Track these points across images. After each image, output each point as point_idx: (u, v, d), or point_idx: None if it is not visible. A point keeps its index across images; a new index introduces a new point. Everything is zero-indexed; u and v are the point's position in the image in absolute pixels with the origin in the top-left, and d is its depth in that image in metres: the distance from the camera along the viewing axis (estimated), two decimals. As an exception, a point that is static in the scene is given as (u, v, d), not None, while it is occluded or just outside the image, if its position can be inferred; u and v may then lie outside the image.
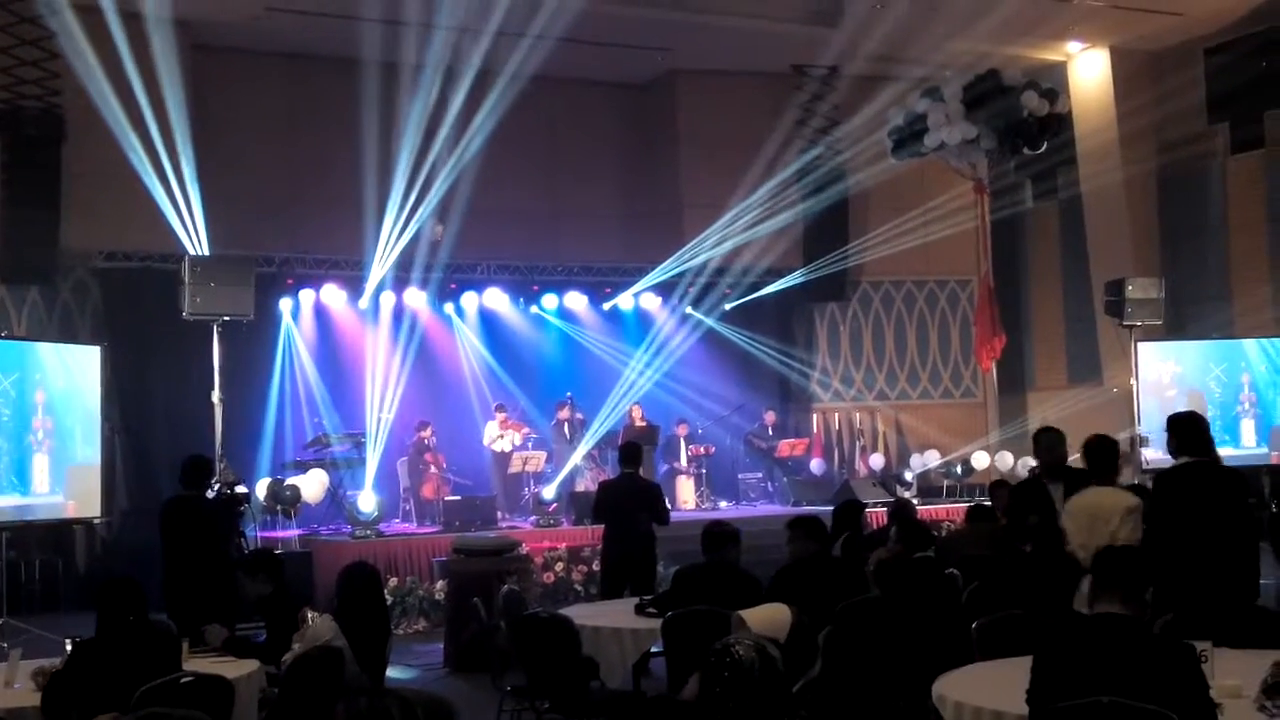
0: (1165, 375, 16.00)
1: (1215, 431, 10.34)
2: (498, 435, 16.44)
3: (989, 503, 11.46)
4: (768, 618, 5.63)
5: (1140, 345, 16.84)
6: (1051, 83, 15.98)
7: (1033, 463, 17.49)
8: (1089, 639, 4.45)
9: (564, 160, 18.84)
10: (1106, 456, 7.58)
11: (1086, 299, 18.74)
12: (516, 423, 16.63)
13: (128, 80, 14.54)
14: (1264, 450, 15.16)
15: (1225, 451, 13.97)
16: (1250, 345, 15.69)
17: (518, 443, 16.42)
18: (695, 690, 3.75)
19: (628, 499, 10.64)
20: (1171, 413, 7.41)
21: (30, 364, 12.98)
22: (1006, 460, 18.04)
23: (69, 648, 6.12)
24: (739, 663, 3.60)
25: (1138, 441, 16.61)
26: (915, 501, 14.79)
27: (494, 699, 7.87)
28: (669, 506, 11.49)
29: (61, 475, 13.12)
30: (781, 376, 19.01)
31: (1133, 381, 16.85)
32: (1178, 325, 17.57)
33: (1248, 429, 15.10)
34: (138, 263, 15.36)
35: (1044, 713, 4.39)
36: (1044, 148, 15.99)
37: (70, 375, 13.43)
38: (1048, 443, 8.16)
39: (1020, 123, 15.12)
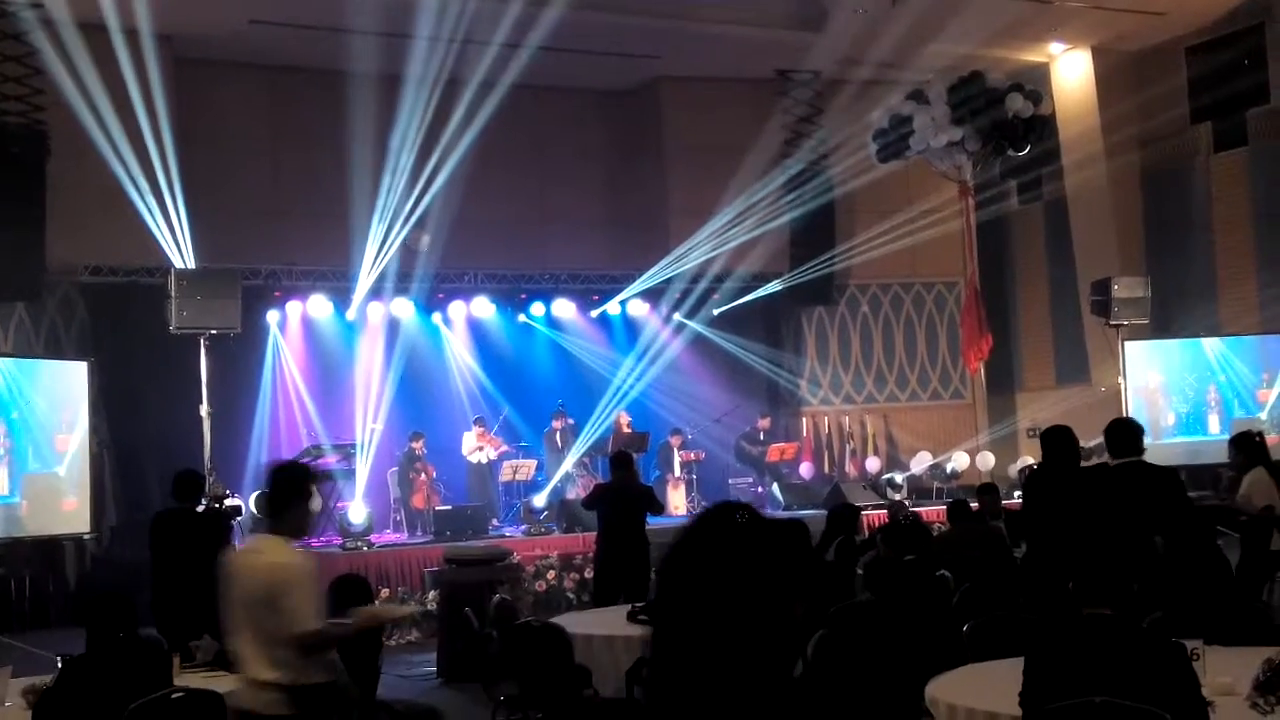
0: (1152, 382, 17.21)
1: (1188, 424, 11.74)
2: (475, 447, 16.42)
3: (973, 503, 11.49)
4: None
5: (1127, 344, 16.96)
6: (1034, 84, 16.04)
7: (1030, 460, 17.67)
8: (1081, 639, 4.45)
9: (550, 168, 18.83)
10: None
11: (1073, 299, 18.77)
12: (494, 437, 16.60)
13: (112, 95, 14.53)
14: (1226, 437, 16.35)
15: (1195, 439, 16.70)
16: (1212, 356, 17.21)
17: (493, 456, 16.41)
18: None
19: (622, 500, 10.77)
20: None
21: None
22: (988, 461, 18.10)
23: (59, 665, 6.10)
24: None
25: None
26: (907, 503, 14.83)
27: (487, 709, 7.86)
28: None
29: (18, 481, 13.56)
30: (770, 381, 19.00)
31: (1120, 380, 16.94)
32: (1164, 324, 17.64)
33: (1213, 421, 16.73)
34: (124, 277, 15.33)
35: (1037, 714, 4.40)
36: (1028, 149, 16.05)
37: (31, 389, 13.76)
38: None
39: (1005, 124, 15.18)
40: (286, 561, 5.01)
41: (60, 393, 14.17)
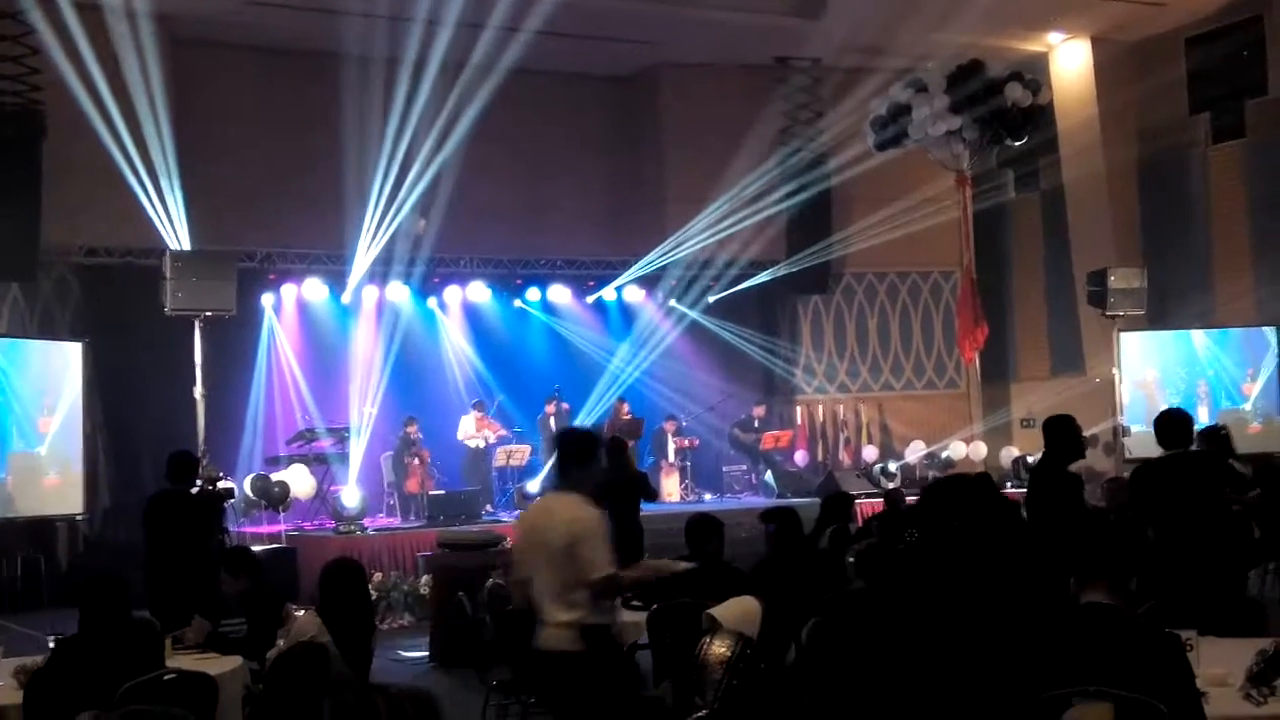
0: (1148, 377, 17.37)
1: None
2: (473, 432, 16.40)
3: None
4: (738, 612, 5.63)
5: (1123, 335, 16.96)
6: (1033, 73, 16.00)
7: (1016, 452, 17.66)
8: (1075, 629, 4.44)
9: (547, 153, 18.77)
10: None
11: (1069, 289, 18.76)
12: (493, 422, 16.58)
13: (108, 76, 14.48)
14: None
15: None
16: (1201, 350, 17.43)
17: (491, 440, 16.39)
18: None
19: (615, 488, 10.72)
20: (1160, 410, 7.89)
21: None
22: (981, 451, 18.10)
23: (52, 645, 6.08)
24: None
25: (1120, 432, 16.71)
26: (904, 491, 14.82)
27: (480, 693, 7.86)
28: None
29: (3, 460, 13.75)
30: (765, 369, 19.02)
31: (1115, 371, 16.95)
32: (1160, 315, 17.63)
33: (1202, 413, 16.70)
34: (119, 259, 15.30)
35: (1030, 702, 4.39)
36: (1026, 139, 16.03)
37: (16, 370, 13.89)
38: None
39: (1003, 113, 15.15)
40: (581, 514, 5.52)
41: (46, 374, 14.17)
